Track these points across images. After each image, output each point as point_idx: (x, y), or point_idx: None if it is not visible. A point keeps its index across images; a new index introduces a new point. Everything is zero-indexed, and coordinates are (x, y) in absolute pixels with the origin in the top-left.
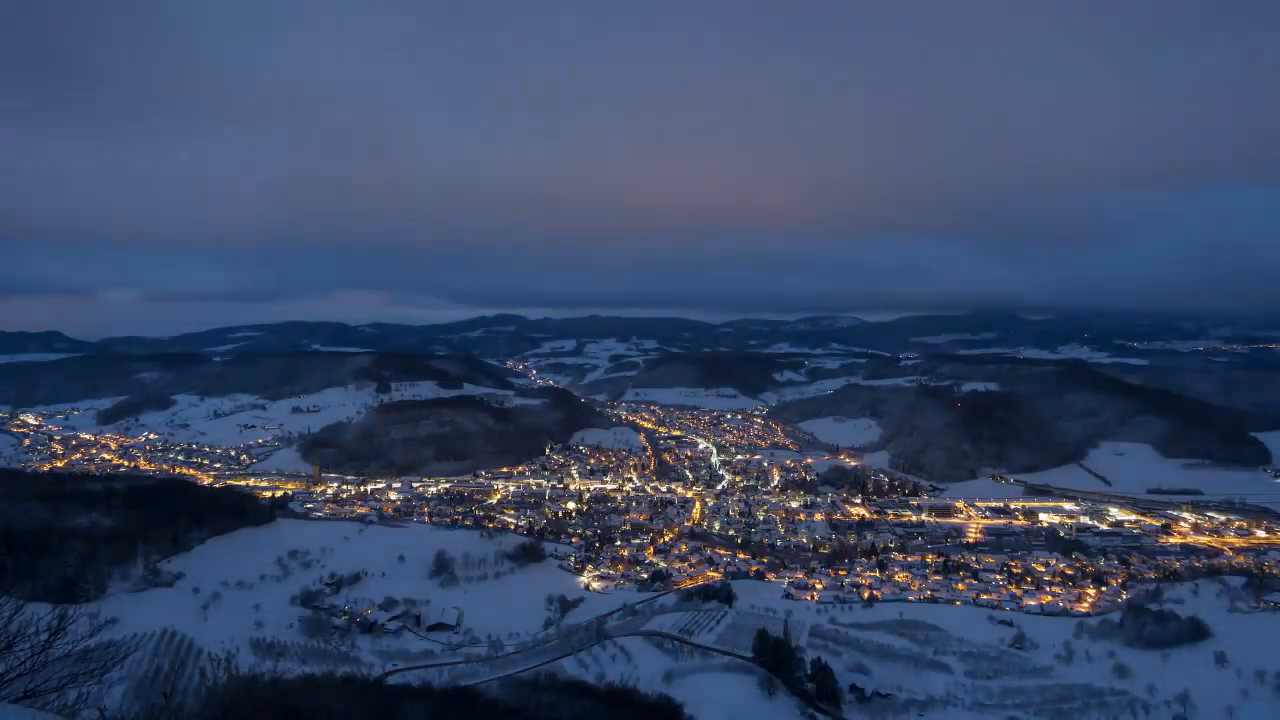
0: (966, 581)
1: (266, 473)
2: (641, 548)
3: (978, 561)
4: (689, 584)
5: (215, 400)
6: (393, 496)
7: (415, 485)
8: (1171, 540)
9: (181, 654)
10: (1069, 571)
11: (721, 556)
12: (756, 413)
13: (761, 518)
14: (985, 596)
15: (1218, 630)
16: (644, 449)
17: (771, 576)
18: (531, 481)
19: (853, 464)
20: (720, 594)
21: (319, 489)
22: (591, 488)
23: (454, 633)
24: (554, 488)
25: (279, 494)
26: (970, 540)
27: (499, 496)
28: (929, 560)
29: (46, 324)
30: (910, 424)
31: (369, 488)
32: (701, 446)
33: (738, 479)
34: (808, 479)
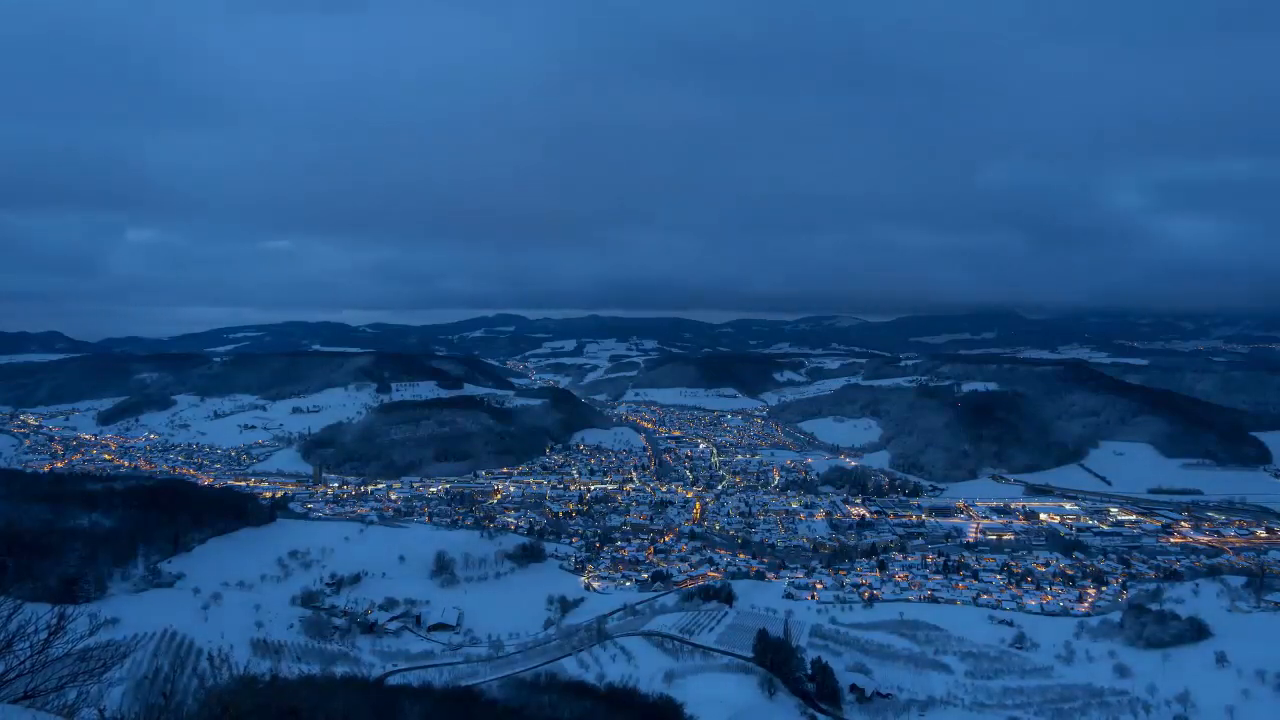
0: (967, 581)
1: (267, 473)
2: (642, 548)
3: (978, 561)
4: (689, 584)
5: (215, 401)
6: (393, 497)
7: (415, 485)
8: (1172, 540)
9: (182, 654)
10: (1069, 571)
11: (722, 556)
12: (757, 413)
13: (762, 518)
14: (985, 596)
15: (1218, 630)
16: (644, 449)
17: (772, 576)
18: (532, 481)
19: (853, 464)
20: (721, 594)
21: (319, 489)
22: (592, 488)
23: (454, 633)
24: (554, 488)
25: (279, 494)
26: (970, 540)
27: (499, 497)
28: (929, 560)
29: (46, 324)
30: (910, 424)
31: (369, 488)
32: (702, 447)
33: (738, 479)
34: (808, 479)
